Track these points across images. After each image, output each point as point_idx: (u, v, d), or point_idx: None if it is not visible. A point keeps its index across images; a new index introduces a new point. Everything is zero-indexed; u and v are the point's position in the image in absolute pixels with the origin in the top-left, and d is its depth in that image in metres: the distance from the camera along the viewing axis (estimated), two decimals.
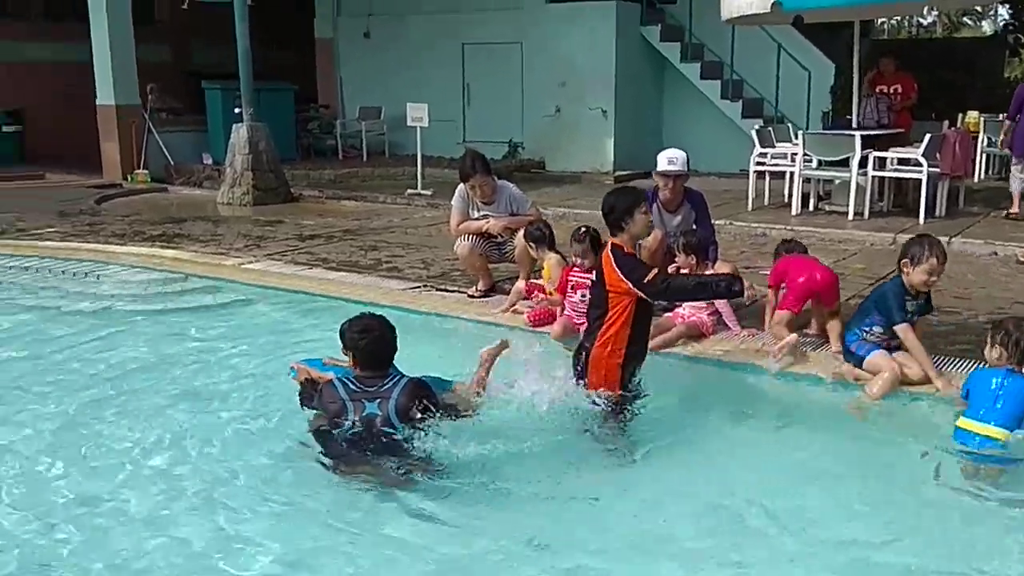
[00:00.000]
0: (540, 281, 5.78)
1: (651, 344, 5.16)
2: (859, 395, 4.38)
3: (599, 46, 13.35)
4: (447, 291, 6.35)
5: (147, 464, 3.84)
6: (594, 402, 4.09)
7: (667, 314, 5.52)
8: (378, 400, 3.59)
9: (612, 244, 4.24)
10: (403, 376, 3.70)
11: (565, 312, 5.36)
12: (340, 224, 9.41)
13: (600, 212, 4.49)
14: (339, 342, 3.78)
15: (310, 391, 3.84)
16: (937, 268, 4.36)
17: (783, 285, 5.16)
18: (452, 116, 14.45)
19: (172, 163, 13.17)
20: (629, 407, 4.16)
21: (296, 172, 12.54)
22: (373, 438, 3.54)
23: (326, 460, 3.59)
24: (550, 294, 5.57)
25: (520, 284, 5.87)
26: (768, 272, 5.54)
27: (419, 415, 3.60)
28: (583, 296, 5.28)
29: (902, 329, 4.41)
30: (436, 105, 12.52)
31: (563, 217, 9.49)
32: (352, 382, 3.66)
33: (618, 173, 13.04)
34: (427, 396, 3.67)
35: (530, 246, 5.80)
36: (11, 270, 7.07)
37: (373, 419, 3.57)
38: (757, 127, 10.52)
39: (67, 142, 14.00)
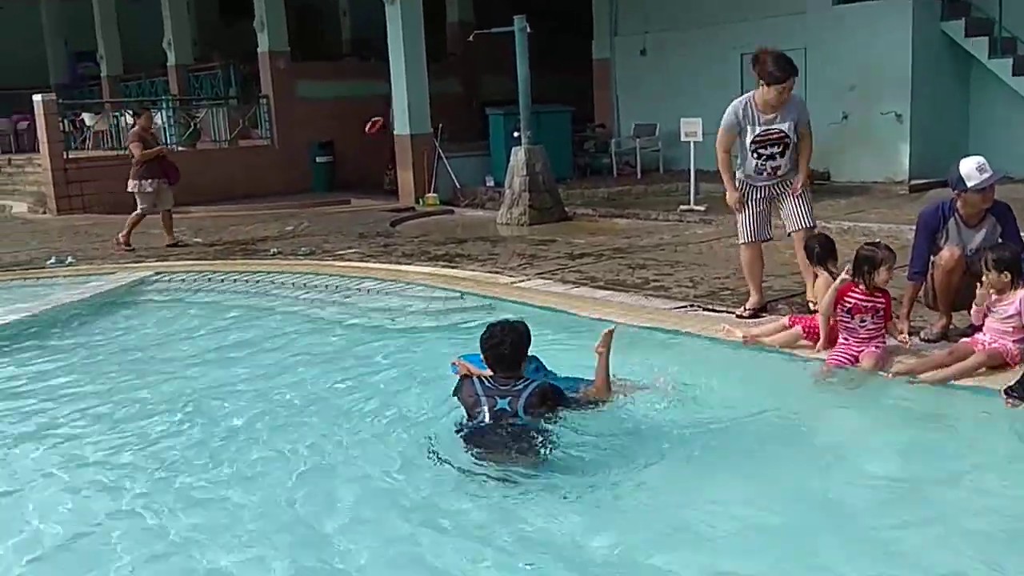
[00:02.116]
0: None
1: (946, 373, 4.69)
2: None
3: (893, 46, 12.34)
4: (714, 311, 6.14)
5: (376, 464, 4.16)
6: None
7: (965, 339, 4.94)
8: (509, 398, 3.96)
9: None
10: (535, 380, 4.07)
11: (840, 340, 4.96)
12: (610, 242, 9.45)
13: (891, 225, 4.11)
14: None
15: (460, 384, 4.20)
16: None
17: None
18: None
19: (459, 186, 13.98)
20: None
21: (571, 191, 12.81)
22: (501, 429, 3.92)
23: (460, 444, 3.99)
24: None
25: (784, 321, 5.52)
26: None
27: (547, 413, 4.01)
28: (862, 321, 4.88)
29: None
30: (713, 118, 12.13)
31: (848, 231, 8.88)
32: (488, 380, 4.06)
33: (914, 182, 11.97)
34: (555, 397, 4.07)
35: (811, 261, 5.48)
36: (315, 288, 7.82)
37: (503, 414, 3.94)
38: None
39: (368, 170, 15.37)
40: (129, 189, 10.54)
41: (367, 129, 14.93)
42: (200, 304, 7.71)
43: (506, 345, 4.04)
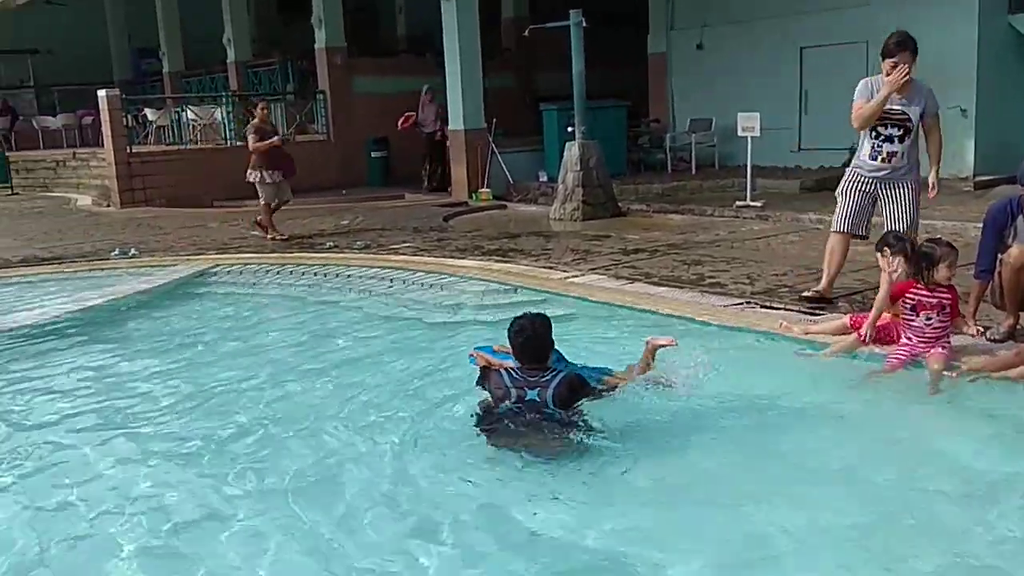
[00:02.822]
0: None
1: (1012, 374, 4.58)
2: None
3: (958, 40, 12.02)
4: (772, 308, 6.05)
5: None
6: None
7: None
8: (537, 389, 4.06)
9: None
10: (562, 371, 4.15)
11: (904, 339, 4.85)
12: (665, 238, 9.37)
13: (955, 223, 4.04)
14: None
15: (485, 375, 4.31)
16: None
17: None
18: (787, 124, 13.86)
19: (512, 182, 14.00)
20: None
21: (625, 187, 12.73)
22: (530, 419, 4.04)
23: (487, 432, 4.10)
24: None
25: (845, 320, 5.40)
26: None
27: (574, 403, 4.09)
28: (928, 319, 4.76)
29: None
30: (770, 113, 12.09)
31: (910, 227, 8.65)
32: (516, 372, 4.14)
33: (979, 178, 11.67)
34: (582, 387, 4.15)
35: (880, 251, 5.33)
36: (370, 279, 7.90)
37: (533, 404, 4.05)
38: None
39: (423, 165, 15.46)
40: (248, 180, 10.53)
41: (400, 124, 14.93)
42: (258, 295, 7.85)
43: (537, 337, 4.14)
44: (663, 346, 4.36)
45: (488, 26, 15.11)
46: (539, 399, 4.04)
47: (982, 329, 4.94)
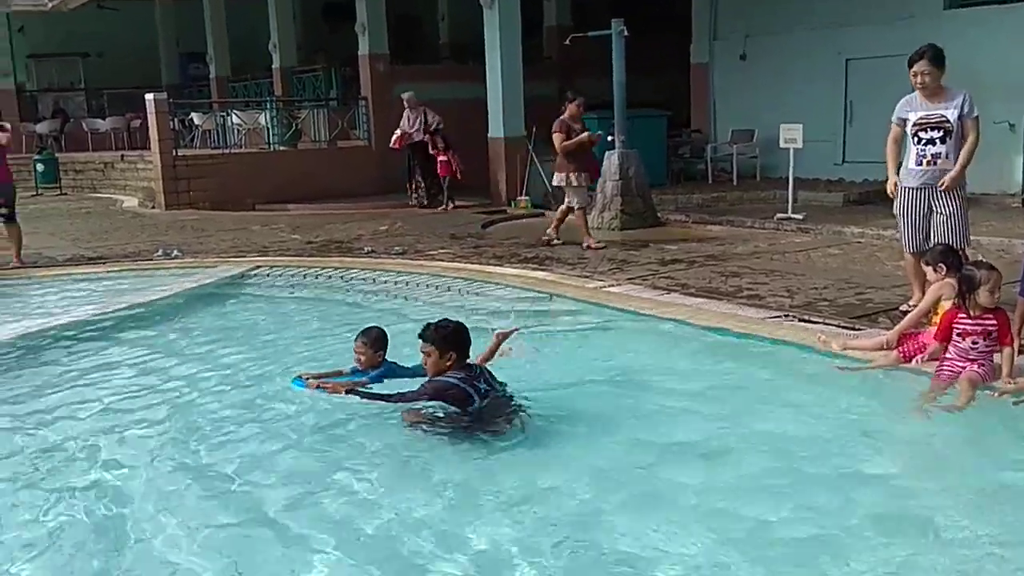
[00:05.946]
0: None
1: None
2: None
3: (1007, 52, 11.83)
4: (811, 322, 5.98)
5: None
6: None
7: None
8: (481, 379, 4.55)
9: None
10: (474, 362, 4.64)
11: (946, 355, 4.75)
12: (703, 249, 9.30)
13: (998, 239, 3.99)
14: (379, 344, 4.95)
15: (371, 395, 4.63)
16: None
17: None
18: (831, 136, 13.70)
19: (550, 190, 13.97)
20: None
21: (665, 197, 12.67)
22: (498, 404, 4.53)
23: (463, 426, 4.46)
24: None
25: (885, 337, 5.30)
26: None
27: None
28: (974, 343, 4.66)
29: None
30: (814, 125, 11.97)
31: (961, 240, 8.50)
32: (457, 373, 4.48)
33: None
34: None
35: (935, 268, 5.25)
36: (407, 285, 7.95)
37: (489, 392, 4.54)
38: None
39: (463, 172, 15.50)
40: (555, 183, 10.13)
41: (392, 144, 14.54)
42: (295, 298, 7.94)
43: (467, 332, 4.59)
44: (508, 335, 5.09)
45: (530, 34, 15.13)
46: (490, 387, 4.54)
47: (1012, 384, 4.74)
